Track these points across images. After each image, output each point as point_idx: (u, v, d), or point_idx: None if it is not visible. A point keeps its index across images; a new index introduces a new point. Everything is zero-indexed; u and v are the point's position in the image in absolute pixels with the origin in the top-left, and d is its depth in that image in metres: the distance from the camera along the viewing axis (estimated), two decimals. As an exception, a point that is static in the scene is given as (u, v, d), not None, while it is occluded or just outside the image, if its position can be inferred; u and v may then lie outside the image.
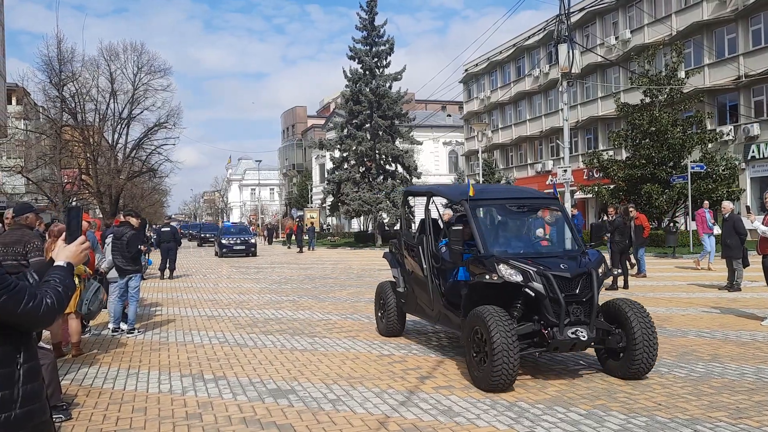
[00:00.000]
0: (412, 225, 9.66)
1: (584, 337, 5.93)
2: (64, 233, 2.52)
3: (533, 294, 6.04)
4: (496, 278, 6.12)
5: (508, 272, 6.08)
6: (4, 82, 23.61)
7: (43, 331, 7.85)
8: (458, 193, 7.55)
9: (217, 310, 12.00)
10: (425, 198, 8.23)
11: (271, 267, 23.98)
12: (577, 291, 6.09)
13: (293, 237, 44.17)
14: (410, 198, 10.60)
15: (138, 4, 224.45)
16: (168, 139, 47.06)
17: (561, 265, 6.20)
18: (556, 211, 7.61)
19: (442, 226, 8.19)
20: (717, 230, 16.31)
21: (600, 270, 6.38)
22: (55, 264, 2.36)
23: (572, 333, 5.94)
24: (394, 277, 8.62)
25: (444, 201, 8.43)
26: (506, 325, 5.70)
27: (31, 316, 2.11)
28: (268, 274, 20.58)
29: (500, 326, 5.65)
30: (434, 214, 8.38)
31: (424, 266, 7.44)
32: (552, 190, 8.26)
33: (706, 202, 19.16)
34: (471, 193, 6.98)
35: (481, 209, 7.16)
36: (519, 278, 6.05)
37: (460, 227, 6.66)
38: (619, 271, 13.43)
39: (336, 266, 23.30)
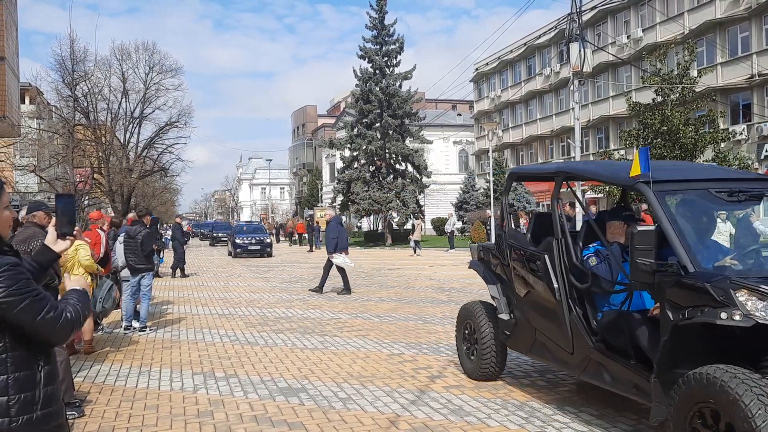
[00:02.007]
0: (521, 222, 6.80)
1: None
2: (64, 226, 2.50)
3: None
4: (738, 318, 3.53)
5: (758, 306, 3.54)
6: (18, 82, 23.81)
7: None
8: (621, 172, 4.94)
9: (228, 309, 12.06)
10: (549, 182, 5.96)
11: (282, 266, 24.03)
12: None
13: (294, 236, 44.55)
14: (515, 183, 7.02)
15: (151, 3, 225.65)
16: (179, 138, 47.22)
17: None
18: None
19: (573, 226, 5.81)
20: None
21: None
22: (70, 288, 2.38)
23: None
24: (492, 297, 6.20)
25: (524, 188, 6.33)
26: None
27: (49, 326, 2.11)
28: (278, 273, 20.64)
29: None
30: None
31: (555, 286, 5.07)
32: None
33: None
34: (633, 173, 4.45)
35: (672, 198, 4.60)
36: None
37: (652, 227, 4.22)
38: None
39: (346, 265, 23.30)
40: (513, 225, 6.34)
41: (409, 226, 42.29)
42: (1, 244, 2.18)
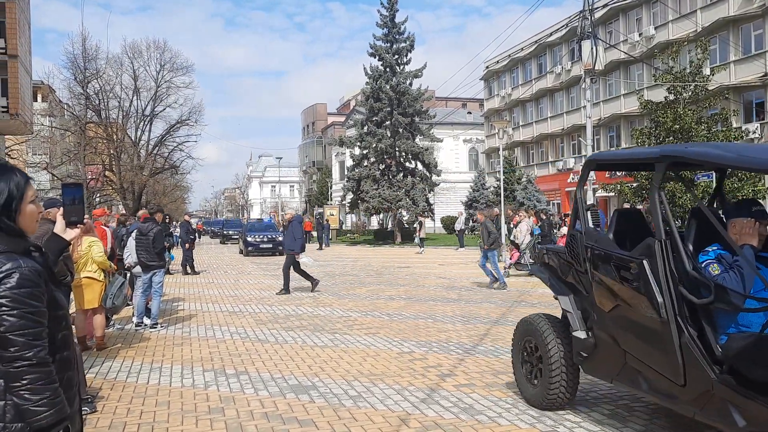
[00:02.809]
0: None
1: None
2: (66, 215, 2.44)
3: None
4: None
5: None
6: (30, 80, 23.97)
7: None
8: (762, 155, 3.98)
9: (239, 306, 12.10)
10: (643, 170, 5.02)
11: (292, 263, 24.06)
12: None
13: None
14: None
15: (162, 2, 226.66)
16: (190, 136, 47.54)
17: None
18: None
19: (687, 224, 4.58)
20: None
21: None
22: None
23: None
24: (564, 311, 5.20)
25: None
26: None
27: (12, 346, 1.95)
28: (288, 270, 20.67)
29: None
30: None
31: (660, 300, 4.01)
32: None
33: None
34: None
35: None
36: None
37: None
38: None
39: (356, 263, 23.36)
40: (590, 222, 5.10)
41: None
42: (27, 243, 2.13)
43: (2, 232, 2.07)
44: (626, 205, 20.34)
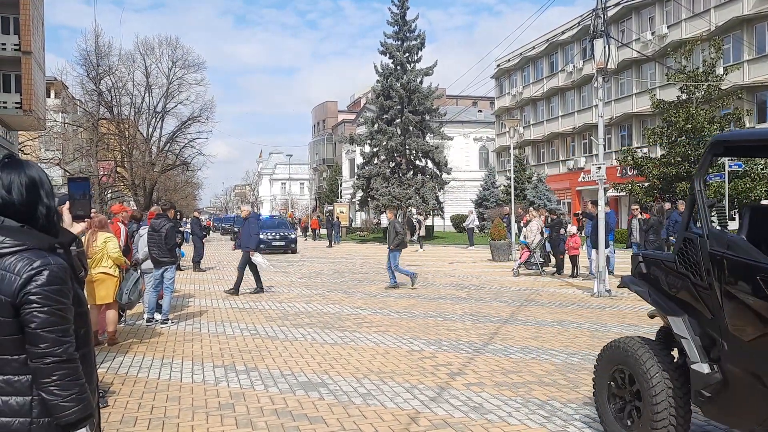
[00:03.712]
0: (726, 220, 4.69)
1: None
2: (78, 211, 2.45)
3: None
4: None
5: None
6: (44, 76, 24.13)
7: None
8: None
9: (248, 302, 12.15)
10: None
11: (301, 261, 24.14)
12: None
13: (308, 231, 45.31)
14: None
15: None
16: (201, 132, 47.69)
17: None
18: None
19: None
20: None
21: None
22: None
23: None
24: (676, 335, 4.00)
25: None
26: None
27: (43, 342, 1.95)
28: (297, 267, 20.73)
29: None
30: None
31: None
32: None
33: None
34: None
35: None
36: None
37: None
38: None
39: (365, 261, 23.36)
40: (712, 222, 3.88)
41: (429, 222, 42.34)
42: (54, 239, 2.14)
43: (35, 228, 2.09)
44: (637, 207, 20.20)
